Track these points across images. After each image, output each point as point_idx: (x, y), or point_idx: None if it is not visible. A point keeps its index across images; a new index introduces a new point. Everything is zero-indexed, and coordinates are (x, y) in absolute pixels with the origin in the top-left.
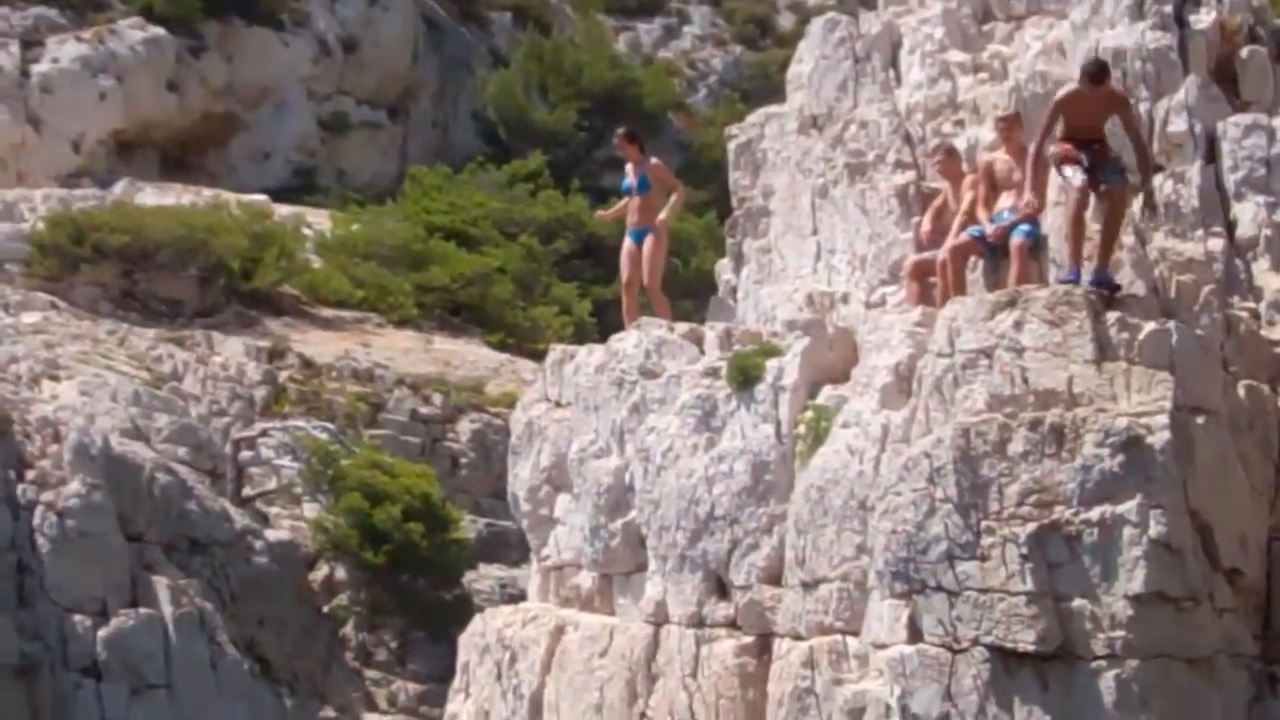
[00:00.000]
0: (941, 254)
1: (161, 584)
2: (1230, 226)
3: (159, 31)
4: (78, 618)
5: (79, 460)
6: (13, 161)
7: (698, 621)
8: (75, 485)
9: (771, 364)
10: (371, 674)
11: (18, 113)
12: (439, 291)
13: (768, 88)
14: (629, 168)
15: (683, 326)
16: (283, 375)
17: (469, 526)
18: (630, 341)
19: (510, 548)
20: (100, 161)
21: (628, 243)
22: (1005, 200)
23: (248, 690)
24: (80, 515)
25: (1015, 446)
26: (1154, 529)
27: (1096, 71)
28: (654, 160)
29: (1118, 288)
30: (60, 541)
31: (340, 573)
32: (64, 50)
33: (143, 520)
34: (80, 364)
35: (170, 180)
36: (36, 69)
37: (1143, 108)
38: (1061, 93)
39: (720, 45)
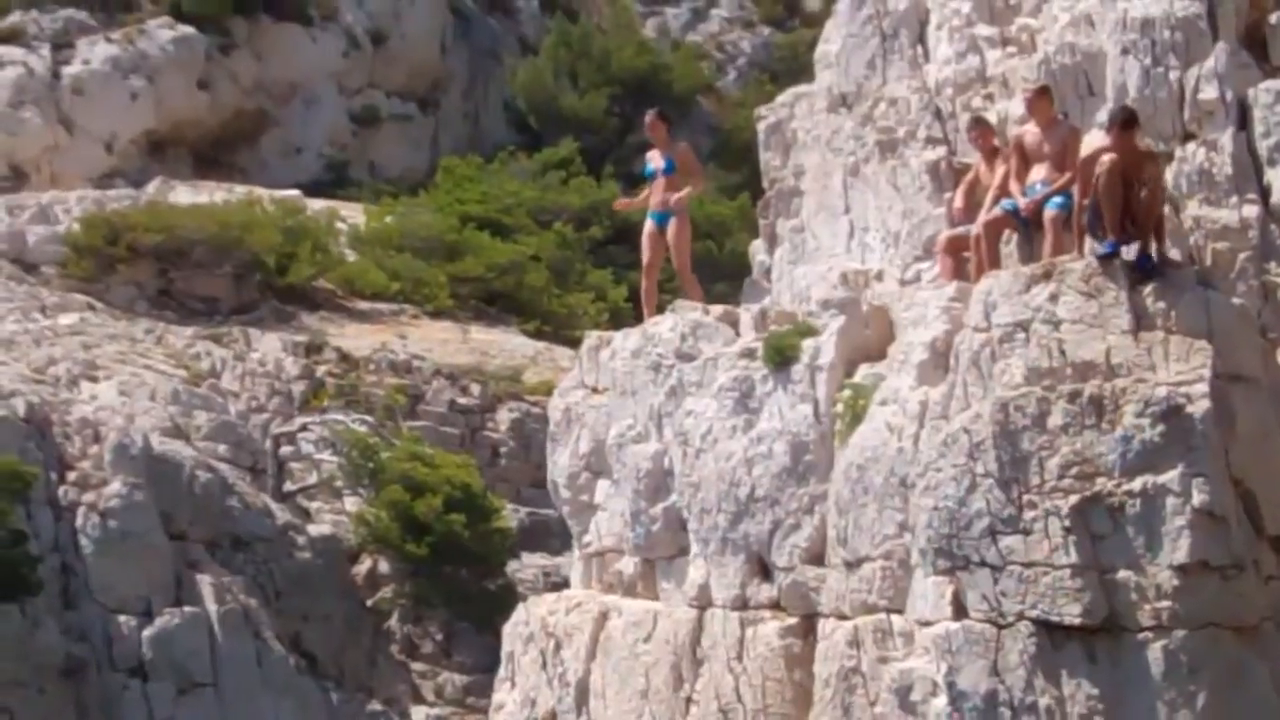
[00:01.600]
0: (975, 229)
1: (205, 582)
2: (1264, 193)
3: (188, 30)
4: (122, 618)
5: (120, 460)
6: (46, 164)
7: (741, 604)
8: (116, 485)
9: (808, 344)
10: (417, 666)
11: (50, 115)
12: (474, 281)
13: (797, 68)
14: (653, 152)
15: (718, 309)
16: (320, 369)
17: (510, 516)
18: (666, 325)
19: (552, 536)
20: (133, 161)
21: (650, 225)
22: (1037, 173)
23: (294, 686)
24: (122, 515)
25: (1054, 419)
26: (1197, 498)
27: (1126, 119)
28: (682, 144)
29: (1150, 269)
30: (103, 542)
31: (383, 566)
32: (94, 52)
33: (185, 518)
34: (118, 364)
35: (203, 178)
36: (67, 71)
37: (1173, 76)
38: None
39: (748, 27)
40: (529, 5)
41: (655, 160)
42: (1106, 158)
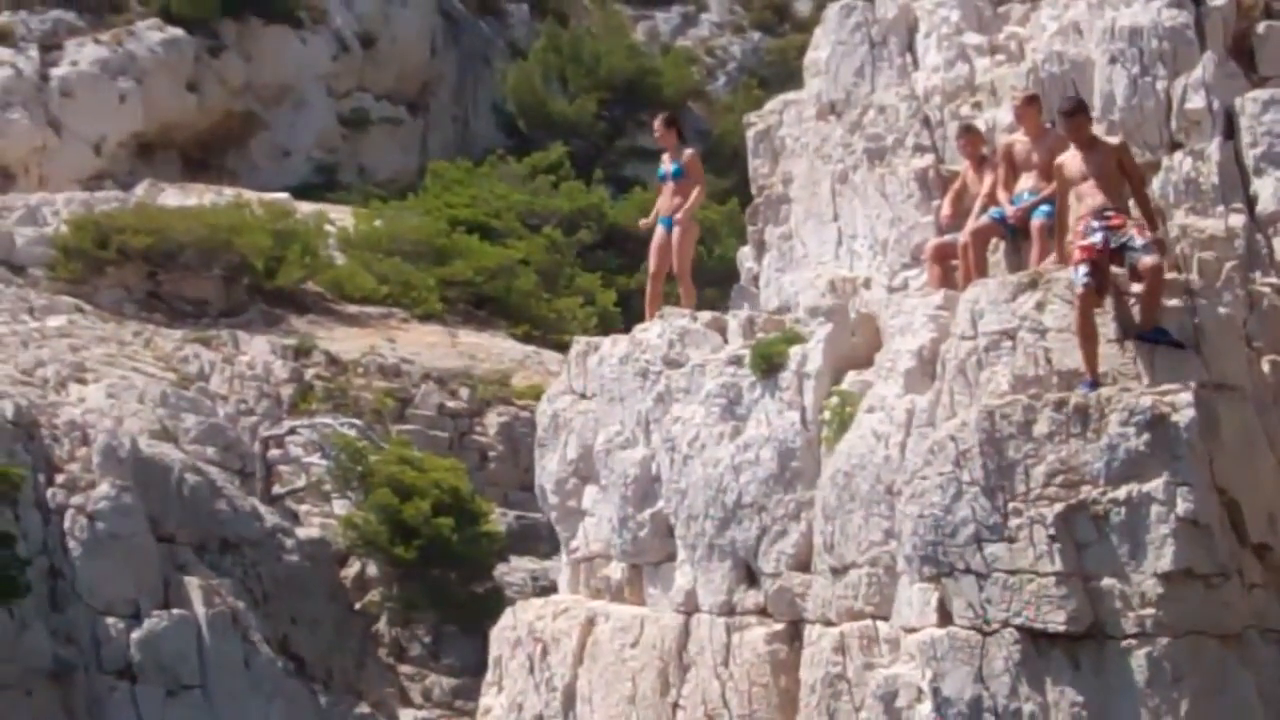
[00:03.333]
0: (963, 237)
1: (194, 584)
2: (1250, 202)
3: (177, 32)
4: (110, 620)
5: (108, 462)
6: (34, 165)
7: (728, 610)
8: (105, 488)
9: (795, 351)
10: (405, 669)
11: (38, 116)
12: (463, 285)
13: (786, 74)
14: (666, 155)
15: (706, 315)
16: (309, 373)
17: (499, 519)
18: (654, 331)
19: (540, 540)
20: (122, 163)
21: (659, 230)
22: (1025, 182)
23: (283, 689)
24: (111, 517)
25: (1040, 427)
26: (1181, 506)
27: (1072, 109)
28: (689, 151)
29: (1179, 344)
30: (91, 544)
31: (371, 569)
32: (83, 53)
33: (173, 521)
34: (107, 366)
35: (192, 180)
36: (55, 72)
37: (1160, 85)
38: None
39: (738, 32)
40: (519, 9)
41: (666, 164)
42: (1080, 285)
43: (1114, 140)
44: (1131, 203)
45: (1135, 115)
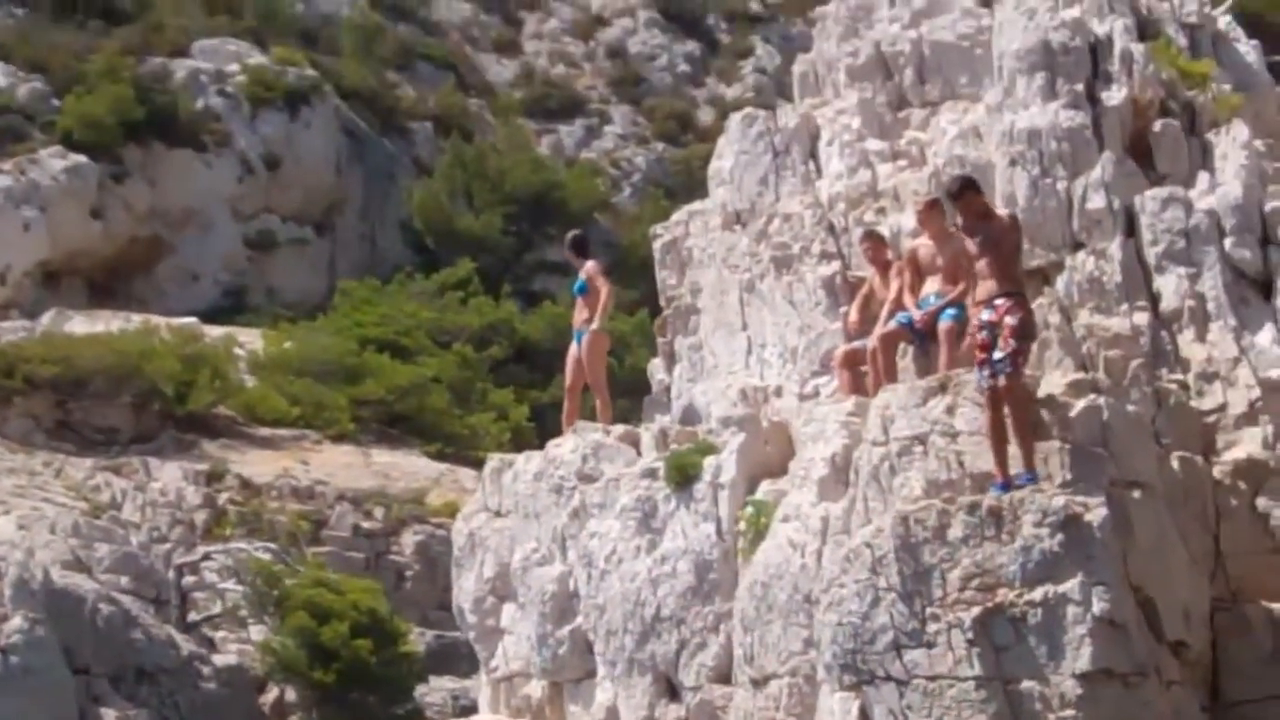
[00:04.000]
0: (871, 342)
1: (110, 716)
2: (1154, 299)
3: (80, 159)
4: None
5: (20, 595)
6: None
7: None
8: (17, 621)
9: (709, 462)
10: None
11: None
12: (375, 404)
13: (692, 183)
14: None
15: (619, 429)
16: (222, 497)
17: (418, 639)
18: (567, 447)
19: (460, 659)
20: (27, 292)
21: (573, 345)
22: (930, 285)
23: None
24: (24, 651)
25: (955, 531)
26: (1097, 606)
27: (959, 189)
28: (589, 263)
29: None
30: (5, 679)
31: (290, 694)
32: None
33: (88, 652)
34: (17, 498)
35: (99, 307)
36: None
37: (1060, 186)
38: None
39: (642, 143)
40: (423, 126)
41: (577, 279)
42: (984, 388)
43: (1004, 213)
44: None
45: (1037, 216)
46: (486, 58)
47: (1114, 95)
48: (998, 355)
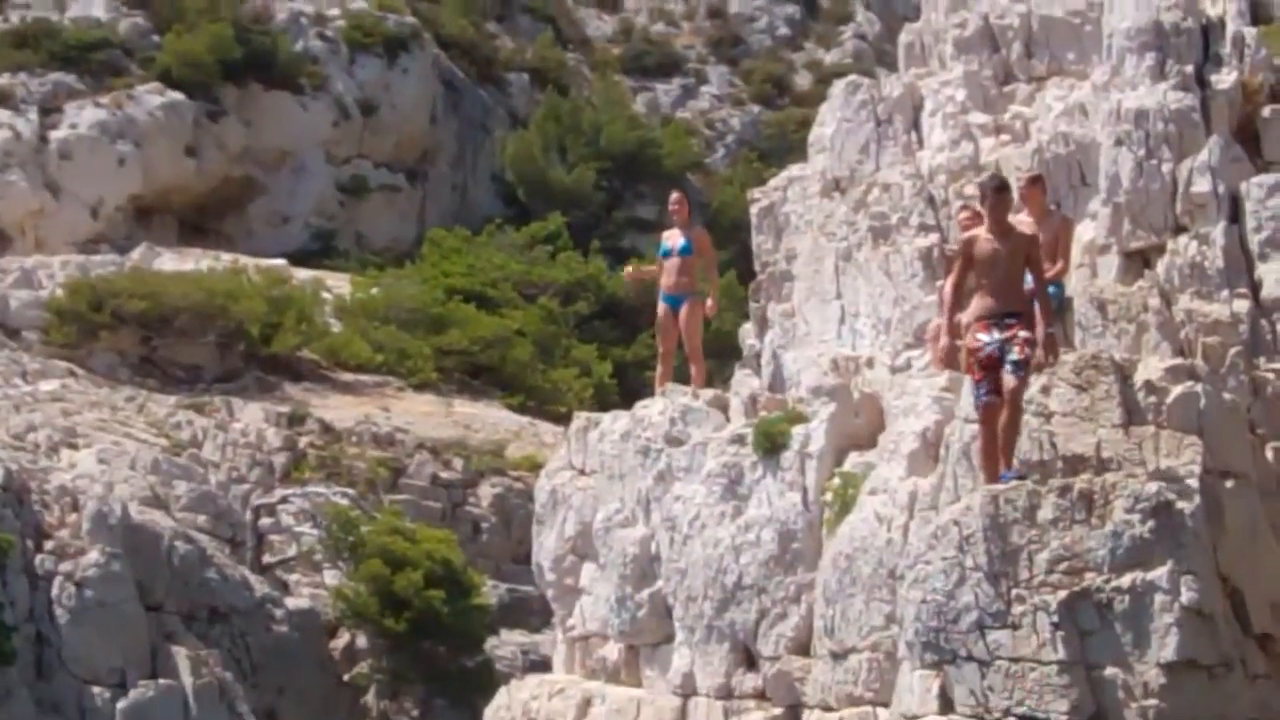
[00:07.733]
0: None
1: (181, 654)
2: (1255, 287)
3: (177, 96)
4: (96, 690)
5: (97, 529)
6: (31, 228)
7: (726, 693)
8: (94, 555)
9: (798, 431)
10: None
11: (36, 179)
12: (458, 355)
13: (784, 146)
14: (671, 231)
15: (708, 393)
16: (302, 441)
17: (490, 592)
18: (655, 409)
19: (532, 614)
20: (119, 227)
21: (663, 308)
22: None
23: None
24: (99, 585)
25: (1044, 513)
26: (1185, 595)
27: (998, 187)
28: (699, 228)
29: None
30: (79, 612)
31: (361, 640)
32: (82, 116)
33: (162, 589)
34: (99, 432)
35: (188, 245)
36: (55, 135)
37: (1165, 168)
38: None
39: (738, 105)
40: (519, 78)
41: (673, 240)
42: (983, 403)
43: (1028, 230)
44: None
45: (1140, 197)
46: (586, 12)
47: (1224, 78)
48: (1015, 357)
